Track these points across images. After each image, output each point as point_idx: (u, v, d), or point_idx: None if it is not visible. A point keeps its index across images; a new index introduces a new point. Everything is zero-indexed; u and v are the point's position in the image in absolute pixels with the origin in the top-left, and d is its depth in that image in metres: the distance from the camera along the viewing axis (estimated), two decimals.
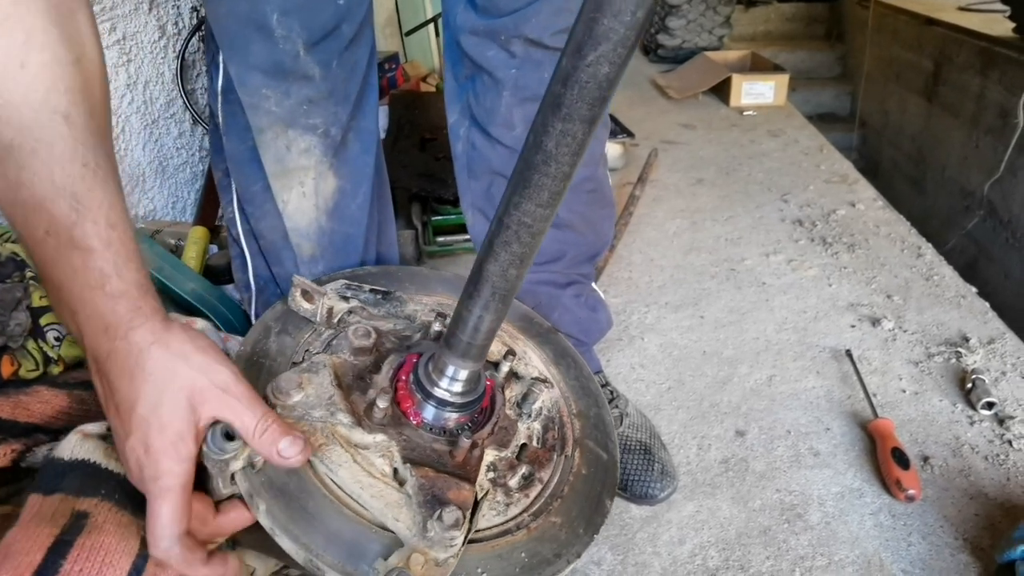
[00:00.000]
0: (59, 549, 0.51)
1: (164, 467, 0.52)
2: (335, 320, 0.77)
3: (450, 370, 0.65)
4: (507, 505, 0.67)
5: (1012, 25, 2.86)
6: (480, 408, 0.71)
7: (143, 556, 0.53)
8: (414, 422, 0.67)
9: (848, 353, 1.36)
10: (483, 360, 0.66)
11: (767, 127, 2.61)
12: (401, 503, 0.60)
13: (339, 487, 0.61)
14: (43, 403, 0.68)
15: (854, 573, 0.98)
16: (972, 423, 1.23)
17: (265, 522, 0.58)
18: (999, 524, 1.04)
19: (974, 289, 1.61)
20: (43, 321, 0.75)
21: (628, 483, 1.09)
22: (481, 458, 0.67)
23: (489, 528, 0.65)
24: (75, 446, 0.58)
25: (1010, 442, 1.18)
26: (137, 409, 0.52)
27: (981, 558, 0.99)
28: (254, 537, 0.62)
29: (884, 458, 1.12)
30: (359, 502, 0.61)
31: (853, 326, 1.49)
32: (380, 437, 0.63)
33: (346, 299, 0.78)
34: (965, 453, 1.17)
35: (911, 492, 1.06)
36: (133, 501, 0.56)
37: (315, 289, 0.77)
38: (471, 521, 0.61)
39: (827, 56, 4.33)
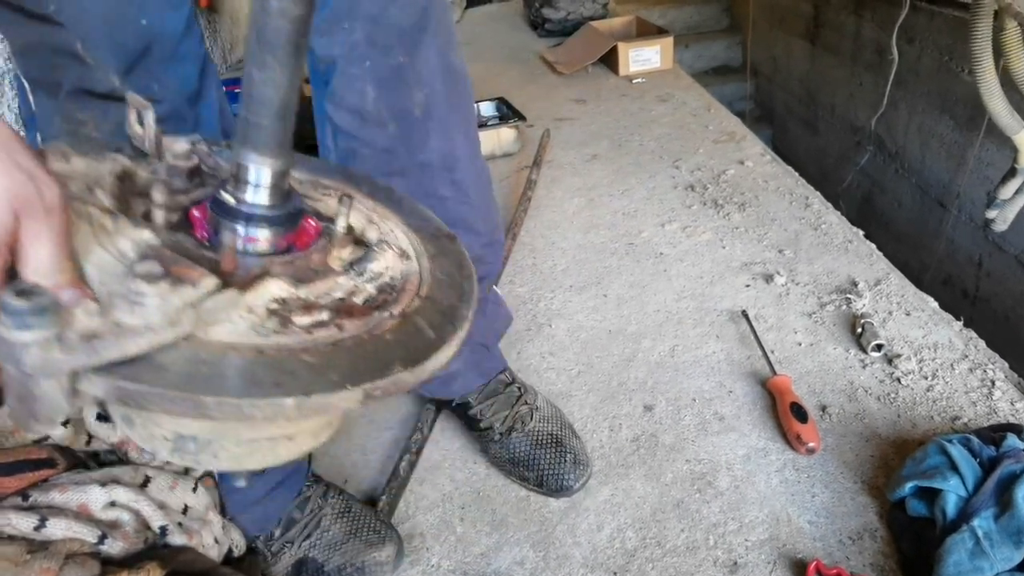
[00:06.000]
0: None
1: None
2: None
3: (247, 172, 0.54)
4: (274, 333, 0.54)
5: None
6: (290, 244, 0.59)
7: None
8: (198, 235, 0.57)
9: (744, 313, 1.40)
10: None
11: (656, 92, 2.64)
12: (117, 272, 0.51)
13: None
14: None
15: (764, 532, 1.02)
16: (864, 366, 1.28)
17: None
18: (892, 462, 1.09)
19: (860, 232, 1.68)
20: None
21: (543, 478, 1.10)
22: (261, 280, 0.56)
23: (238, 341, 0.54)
24: None
25: (899, 379, 1.24)
26: None
27: (878, 497, 1.05)
28: None
29: (784, 414, 1.16)
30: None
31: (748, 285, 1.53)
32: (144, 233, 0.52)
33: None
34: (859, 397, 1.22)
35: (811, 445, 1.11)
36: None
37: (141, 103, 0.61)
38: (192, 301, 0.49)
39: (714, 9, 4.40)
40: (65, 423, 0.85)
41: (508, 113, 2.29)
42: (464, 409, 1.17)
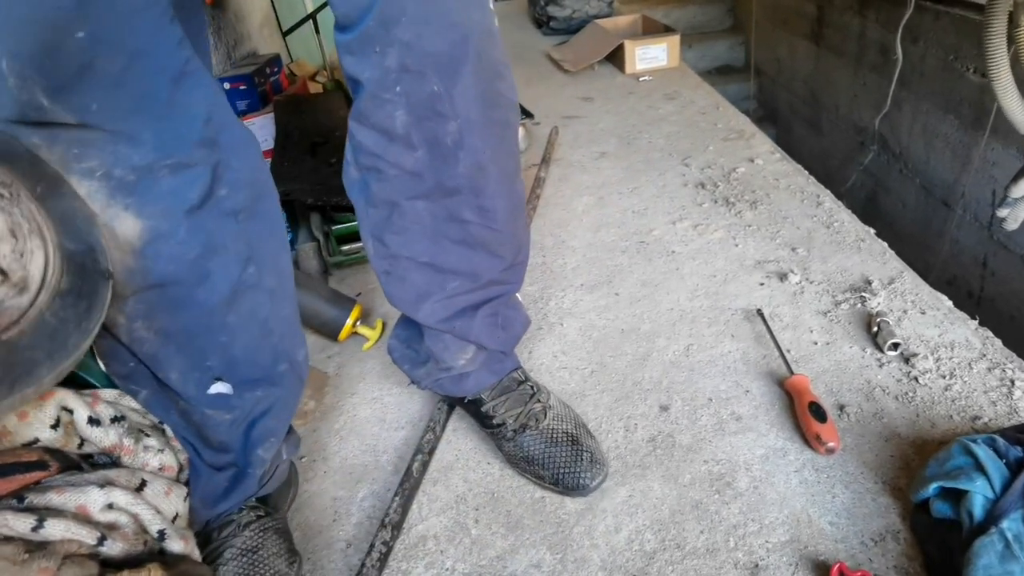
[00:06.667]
0: None
1: None
2: None
3: None
4: None
5: None
6: None
7: None
8: None
9: (759, 312, 1.39)
10: None
11: (663, 91, 2.63)
12: None
13: None
14: None
15: (785, 533, 1.00)
16: (881, 365, 1.27)
17: None
18: (912, 462, 1.08)
19: (872, 231, 1.66)
20: None
21: (559, 476, 1.08)
22: None
23: None
24: None
25: (916, 379, 1.23)
26: None
27: (899, 498, 1.03)
28: None
29: (802, 414, 1.14)
30: None
31: (762, 284, 1.51)
32: None
33: None
34: (877, 396, 1.21)
35: (830, 445, 1.09)
36: None
37: None
38: None
39: (718, 9, 4.40)
40: (55, 426, 0.82)
41: None
42: (476, 406, 1.15)
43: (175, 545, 0.85)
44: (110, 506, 0.80)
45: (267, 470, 1.00)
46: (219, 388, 0.91)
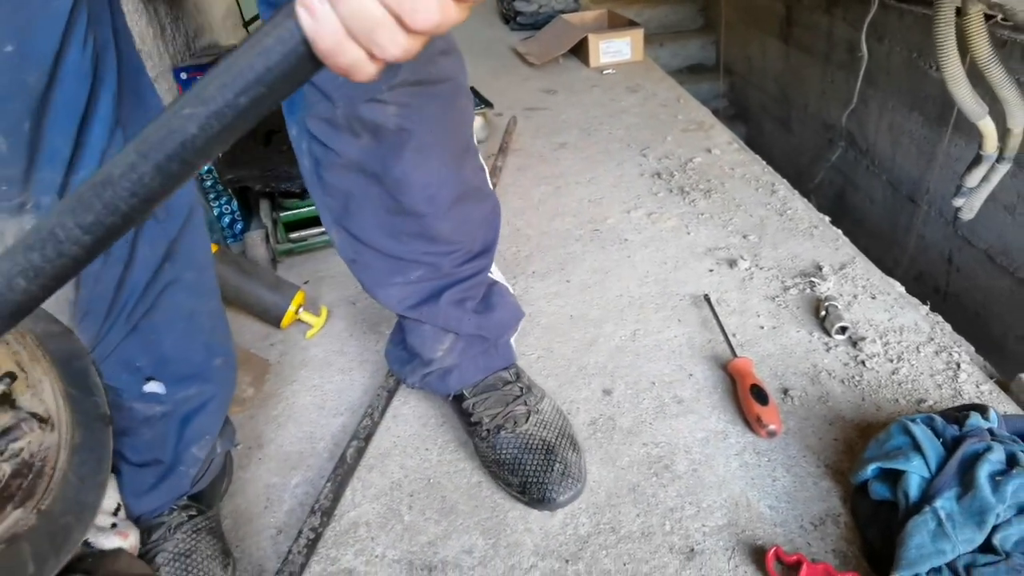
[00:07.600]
0: None
1: None
2: None
3: None
4: None
5: None
6: None
7: None
8: None
9: (706, 297, 1.37)
10: None
11: (626, 84, 2.62)
12: None
13: None
14: None
15: (723, 517, 0.98)
16: (828, 349, 1.25)
17: None
18: (856, 446, 1.06)
19: (827, 218, 1.65)
20: None
21: (526, 485, 1.01)
22: None
23: None
24: None
25: (863, 362, 1.21)
26: None
27: (841, 481, 1.01)
28: None
29: (744, 396, 1.12)
30: None
31: (711, 270, 1.50)
32: None
33: None
34: (823, 380, 1.19)
35: (771, 427, 1.07)
36: None
37: None
38: None
39: (689, 9, 4.41)
40: None
41: (476, 101, 2.26)
42: (459, 402, 1.11)
43: (105, 542, 0.81)
44: None
45: (201, 468, 0.97)
46: (152, 388, 0.88)
